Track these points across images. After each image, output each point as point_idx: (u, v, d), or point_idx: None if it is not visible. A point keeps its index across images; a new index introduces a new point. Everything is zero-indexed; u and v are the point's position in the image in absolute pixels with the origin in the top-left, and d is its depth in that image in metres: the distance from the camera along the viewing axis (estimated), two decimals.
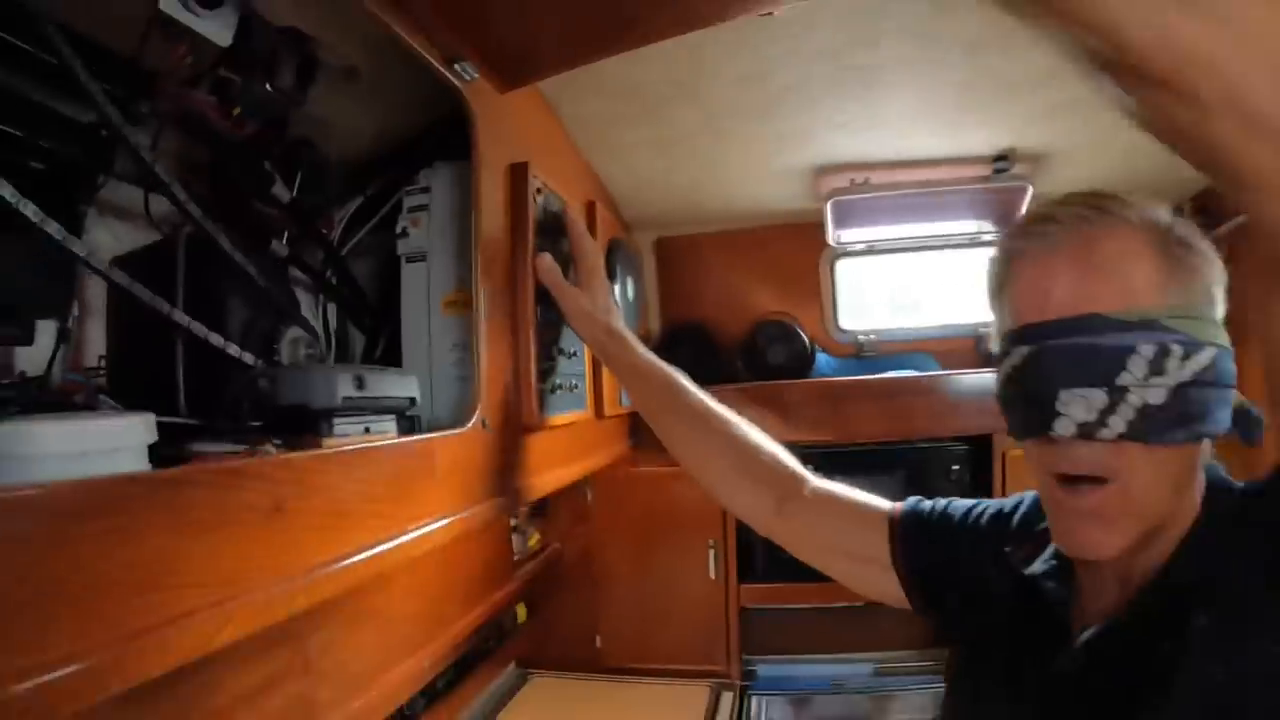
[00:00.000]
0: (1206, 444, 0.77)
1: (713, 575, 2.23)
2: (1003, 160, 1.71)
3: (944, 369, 2.22)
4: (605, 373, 1.61)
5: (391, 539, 0.84)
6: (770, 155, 1.77)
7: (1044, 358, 0.73)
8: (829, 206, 1.92)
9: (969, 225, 2.03)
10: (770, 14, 1.03)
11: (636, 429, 1.98)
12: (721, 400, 1.24)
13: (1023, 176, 1.77)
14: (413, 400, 0.90)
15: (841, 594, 1.70)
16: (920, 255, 2.34)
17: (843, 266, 2.33)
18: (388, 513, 0.83)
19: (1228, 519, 0.76)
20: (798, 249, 2.27)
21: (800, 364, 2.22)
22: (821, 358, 2.30)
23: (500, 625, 2.11)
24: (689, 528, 2.24)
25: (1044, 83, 1.39)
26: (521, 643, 2.28)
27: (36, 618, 0.46)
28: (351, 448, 0.77)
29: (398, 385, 0.87)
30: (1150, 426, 0.70)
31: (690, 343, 2.31)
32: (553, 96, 1.41)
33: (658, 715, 2.11)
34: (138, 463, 0.60)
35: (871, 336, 2.31)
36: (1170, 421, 0.70)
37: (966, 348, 2.29)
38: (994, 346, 0.82)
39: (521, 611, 2.24)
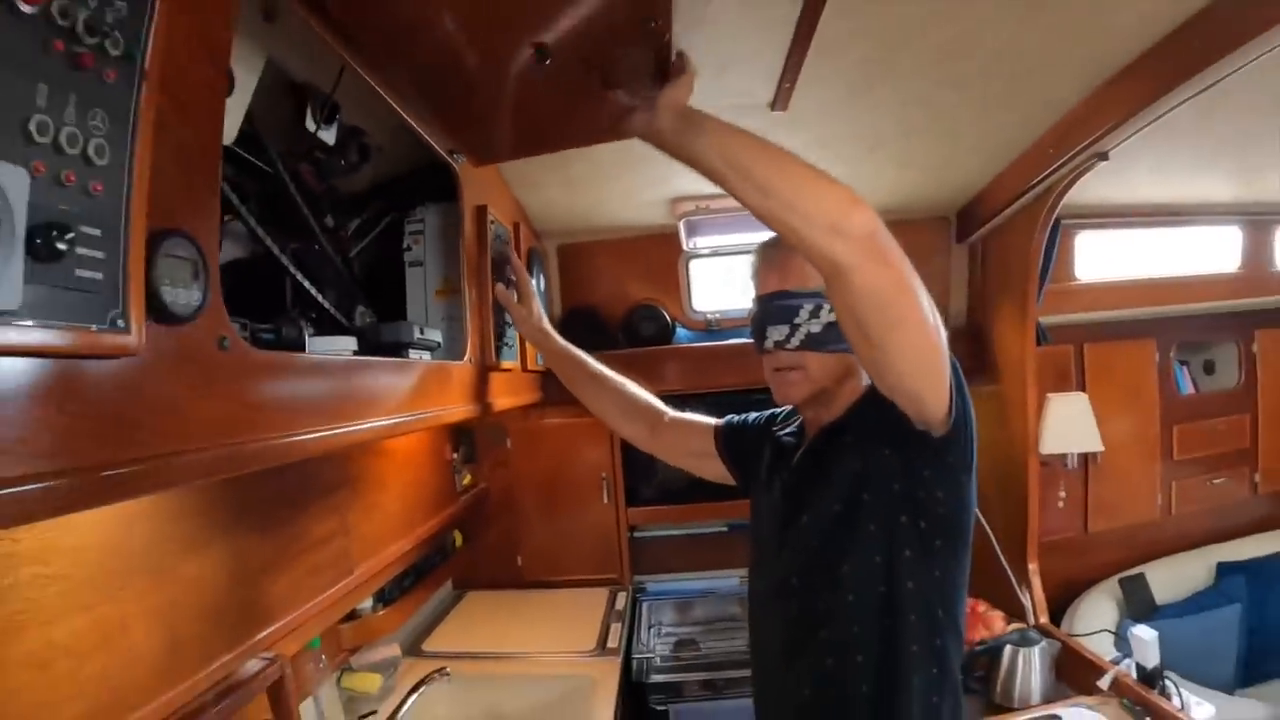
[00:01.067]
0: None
1: (605, 501, 3.02)
2: None
3: None
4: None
5: (428, 412, 1.57)
6: (639, 190, 2.56)
7: (761, 310, 1.42)
8: (681, 224, 2.76)
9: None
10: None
11: (546, 386, 2.72)
12: (610, 364, 2.06)
13: None
14: (439, 344, 1.63)
15: (700, 515, 2.57)
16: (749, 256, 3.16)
17: (695, 265, 3.11)
18: (430, 396, 1.57)
19: (873, 404, 1.33)
20: (662, 252, 3.05)
21: (664, 336, 3.02)
22: (681, 332, 3.09)
23: (443, 548, 2.79)
24: (586, 465, 3.03)
25: (836, 140, 2.22)
26: (459, 565, 2.96)
27: (324, 407, 1.19)
28: (416, 360, 1.51)
29: (431, 335, 1.59)
30: (812, 342, 1.38)
31: (584, 321, 3.06)
32: None
33: (569, 613, 2.81)
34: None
35: (717, 315, 3.12)
36: (822, 340, 1.37)
37: None
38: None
39: (458, 538, 2.93)
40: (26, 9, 0.56)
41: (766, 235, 2.62)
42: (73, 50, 0.60)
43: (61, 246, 0.58)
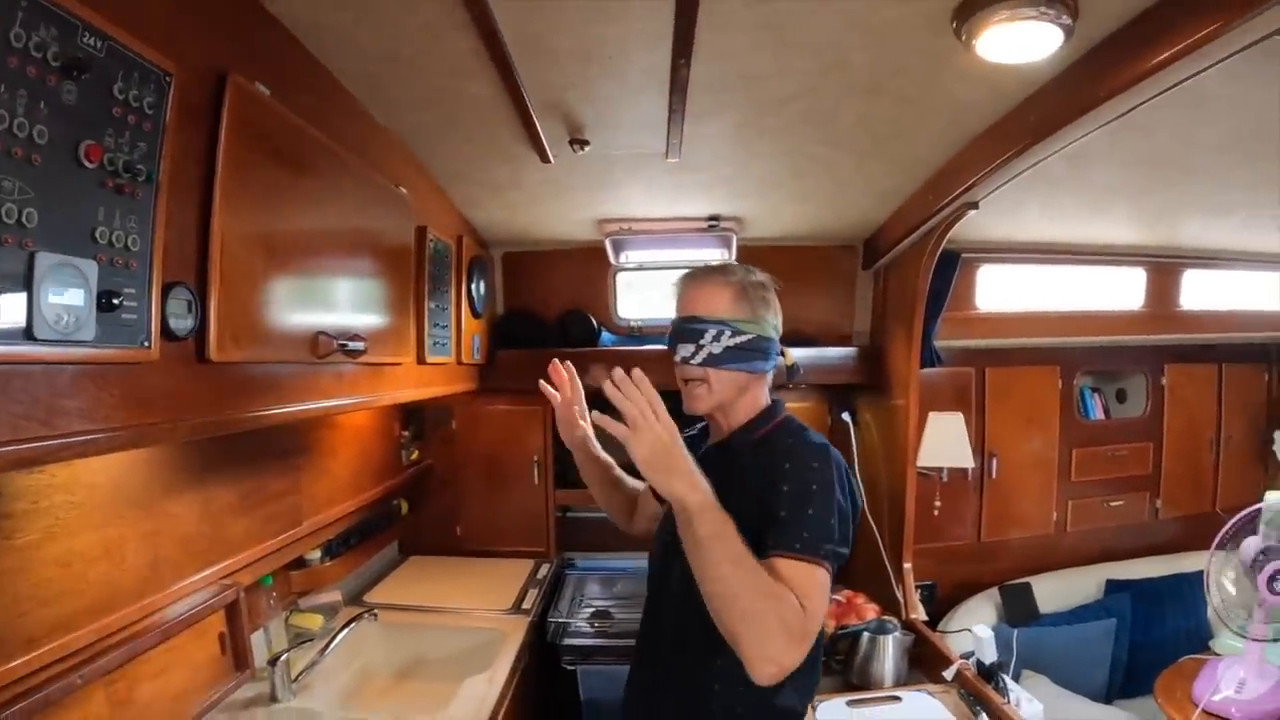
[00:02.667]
0: (769, 377, 1.78)
1: (536, 482, 3.56)
2: (714, 220, 3.10)
3: None
4: (464, 335, 2.92)
5: (369, 397, 2.11)
6: (572, 211, 3.08)
7: (675, 329, 1.72)
8: (608, 241, 3.27)
9: (703, 254, 3.36)
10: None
11: (485, 376, 3.30)
12: (545, 360, 2.51)
13: (729, 229, 3.14)
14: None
15: None
16: (671, 272, 3.60)
17: (621, 278, 3.66)
18: (370, 385, 2.11)
19: (771, 421, 1.75)
20: (593, 264, 3.56)
21: (591, 338, 3.53)
22: (606, 335, 3.61)
23: (389, 513, 3.31)
24: (521, 448, 3.57)
25: (734, 179, 2.72)
26: (404, 529, 3.53)
27: None
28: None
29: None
30: (712, 361, 1.67)
31: (522, 321, 3.59)
32: (444, 183, 2.74)
33: (496, 578, 3.33)
34: None
35: (640, 322, 3.67)
36: (720, 360, 1.67)
37: None
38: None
39: (404, 506, 3.44)
40: (90, 165, 1.05)
41: (686, 255, 3.17)
42: (118, 183, 1.10)
43: (116, 302, 1.09)
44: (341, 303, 1.93)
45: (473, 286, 3.05)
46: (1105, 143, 2.20)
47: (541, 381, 2.04)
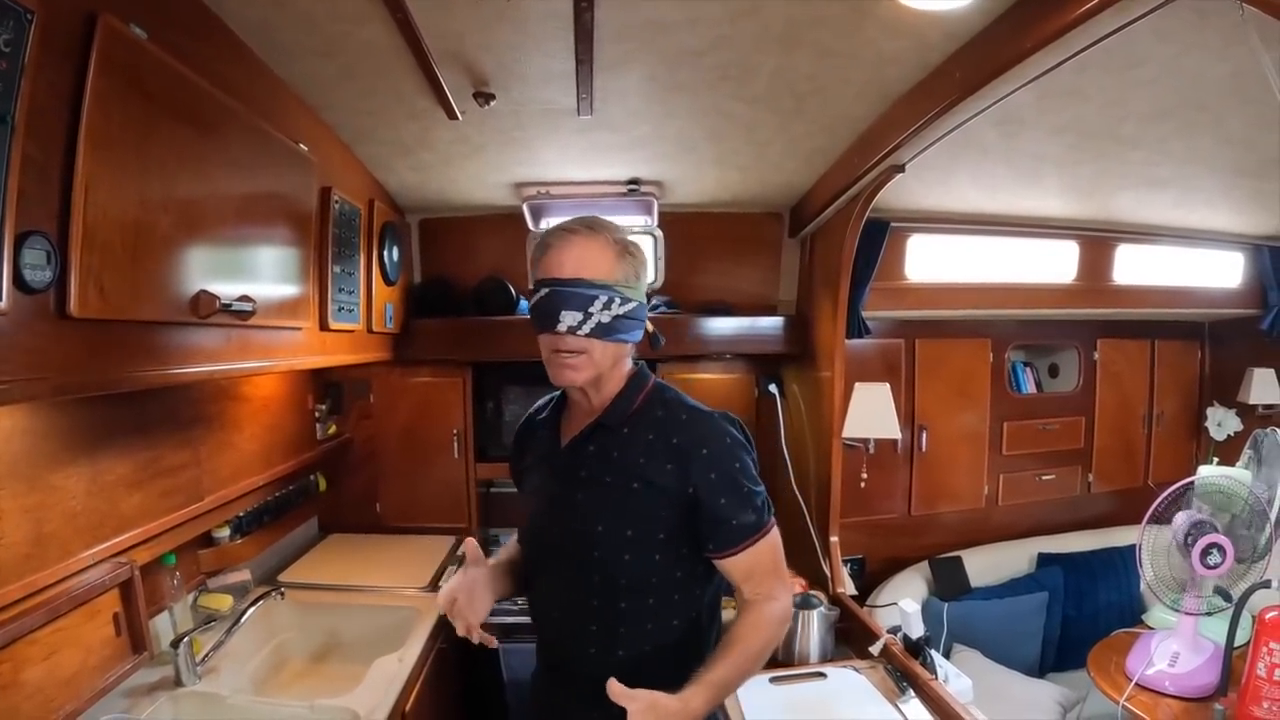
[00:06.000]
0: (632, 345, 1.64)
1: (456, 456, 3.54)
2: (634, 184, 3.08)
3: None
4: (376, 302, 2.90)
5: (266, 362, 2.08)
6: (486, 174, 3.05)
7: (554, 294, 1.52)
8: (525, 206, 3.24)
9: (624, 220, 3.32)
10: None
11: (400, 345, 3.29)
12: (456, 333, 2.61)
13: (650, 194, 3.13)
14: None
15: None
16: None
17: None
18: (288, 347, 2.09)
19: (642, 391, 1.66)
20: (511, 231, 3.45)
21: (509, 307, 3.47)
22: (524, 303, 3.51)
23: (306, 489, 3.26)
24: (441, 422, 3.55)
25: (651, 140, 2.70)
26: (322, 506, 3.50)
27: None
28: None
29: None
30: (601, 331, 1.53)
31: (438, 289, 3.54)
32: (350, 143, 2.69)
33: (415, 555, 3.32)
34: None
35: None
36: (609, 330, 1.54)
37: None
38: (532, 277, 1.63)
39: (322, 482, 3.41)
40: None
41: (621, 216, 3.07)
42: None
43: None
44: (232, 262, 1.88)
45: (385, 253, 3.01)
46: (1035, 109, 2.25)
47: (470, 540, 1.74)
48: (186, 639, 2.19)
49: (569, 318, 1.51)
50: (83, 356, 1.37)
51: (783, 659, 2.62)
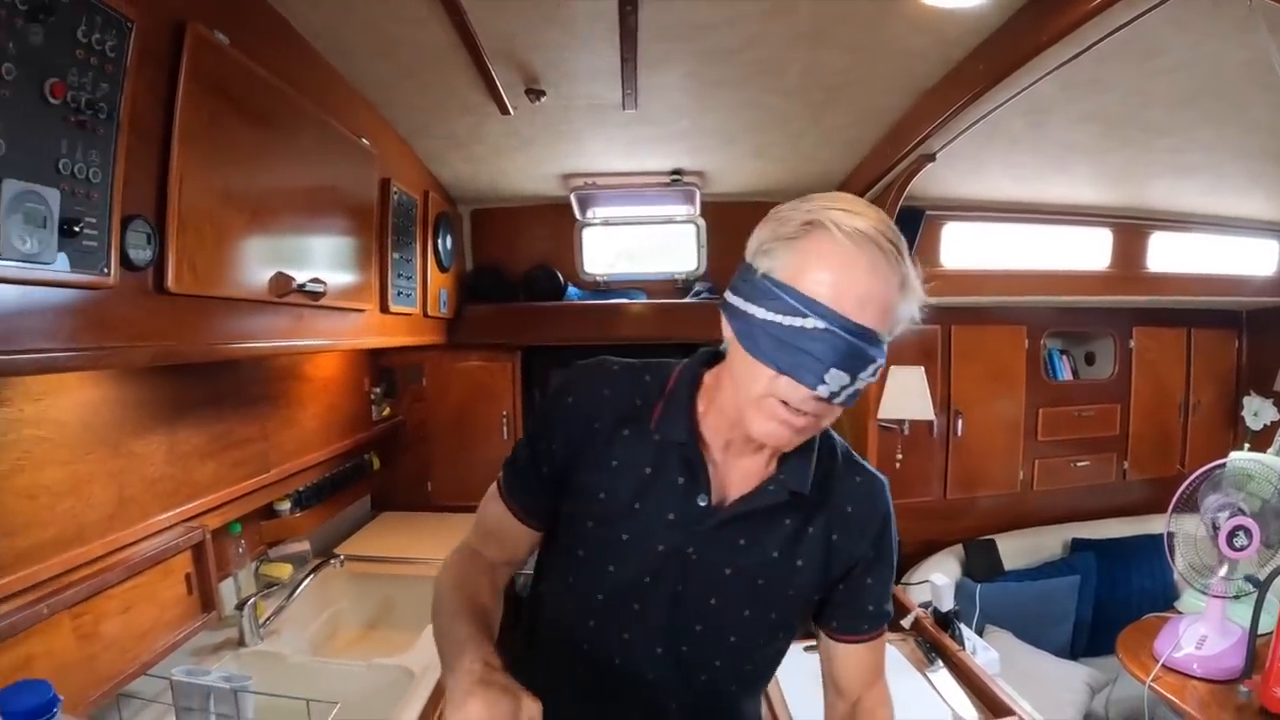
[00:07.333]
0: None
1: (505, 436, 3.68)
2: (677, 174, 3.20)
3: (650, 300, 3.71)
4: (431, 288, 3.05)
5: (332, 340, 2.23)
6: (536, 166, 3.19)
7: (834, 339, 0.99)
8: (573, 197, 3.39)
9: (668, 209, 3.53)
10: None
11: (453, 330, 3.44)
12: (508, 318, 2.88)
13: (692, 184, 3.26)
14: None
15: None
16: (636, 227, 3.80)
17: (587, 233, 3.74)
18: (352, 328, 2.24)
19: (820, 447, 1.22)
20: (559, 220, 3.66)
21: (557, 293, 3.65)
22: (572, 290, 3.72)
23: (361, 468, 3.41)
24: (491, 404, 3.69)
25: (692, 133, 2.82)
26: (376, 485, 3.63)
27: None
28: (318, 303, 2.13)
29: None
30: (851, 399, 1.06)
31: (490, 276, 3.70)
32: (408, 137, 2.84)
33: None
34: None
35: (605, 277, 3.79)
36: (855, 397, 1.07)
37: (666, 288, 3.80)
38: (756, 265, 1.07)
39: (376, 461, 3.55)
40: (54, 101, 1.15)
41: (651, 210, 3.38)
42: (80, 119, 1.20)
43: (77, 229, 1.19)
44: (303, 247, 2.02)
45: (439, 241, 3.16)
46: (1060, 98, 2.30)
47: None
48: (250, 601, 2.33)
49: (838, 379, 1.02)
50: (178, 327, 1.52)
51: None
